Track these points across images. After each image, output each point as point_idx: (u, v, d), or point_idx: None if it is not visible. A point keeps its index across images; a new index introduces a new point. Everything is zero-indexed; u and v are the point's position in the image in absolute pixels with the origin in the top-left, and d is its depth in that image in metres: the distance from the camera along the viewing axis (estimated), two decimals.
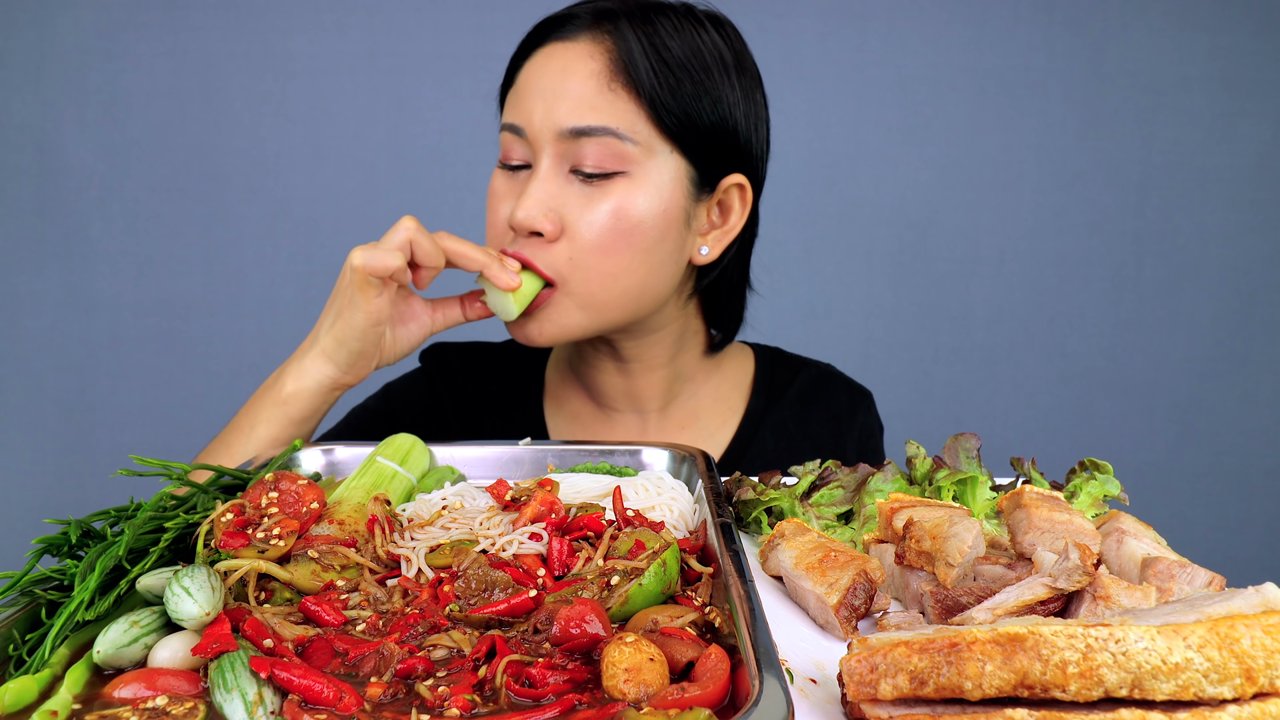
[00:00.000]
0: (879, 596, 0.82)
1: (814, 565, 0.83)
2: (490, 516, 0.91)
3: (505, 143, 1.26)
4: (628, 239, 1.21)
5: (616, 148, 1.19)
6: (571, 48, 1.21)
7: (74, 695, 0.63)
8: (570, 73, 1.20)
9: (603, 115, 1.18)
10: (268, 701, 0.61)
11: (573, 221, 1.20)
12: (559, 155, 1.20)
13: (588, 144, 1.18)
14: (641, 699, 0.61)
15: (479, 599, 0.77)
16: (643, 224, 1.21)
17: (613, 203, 1.20)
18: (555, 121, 1.19)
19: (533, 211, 1.18)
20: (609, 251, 1.21)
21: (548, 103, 1.20)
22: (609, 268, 1.22)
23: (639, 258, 1.23)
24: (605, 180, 1.20)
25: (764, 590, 0.88)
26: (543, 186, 1.20)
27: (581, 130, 1.18)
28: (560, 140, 1.19)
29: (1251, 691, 0.58)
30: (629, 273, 1.23)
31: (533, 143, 1.21)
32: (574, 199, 1.20)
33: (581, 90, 1.19)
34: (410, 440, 1.06)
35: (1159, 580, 0.78)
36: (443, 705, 0.61)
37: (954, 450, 1.06)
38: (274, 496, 0.87)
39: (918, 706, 0.60)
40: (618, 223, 1.20)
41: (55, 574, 0.75)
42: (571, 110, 1.18)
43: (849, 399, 1.51)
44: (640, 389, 1.40)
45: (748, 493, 1.03)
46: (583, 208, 1.20)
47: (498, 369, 1.50)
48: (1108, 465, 1.04)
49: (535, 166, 1.22)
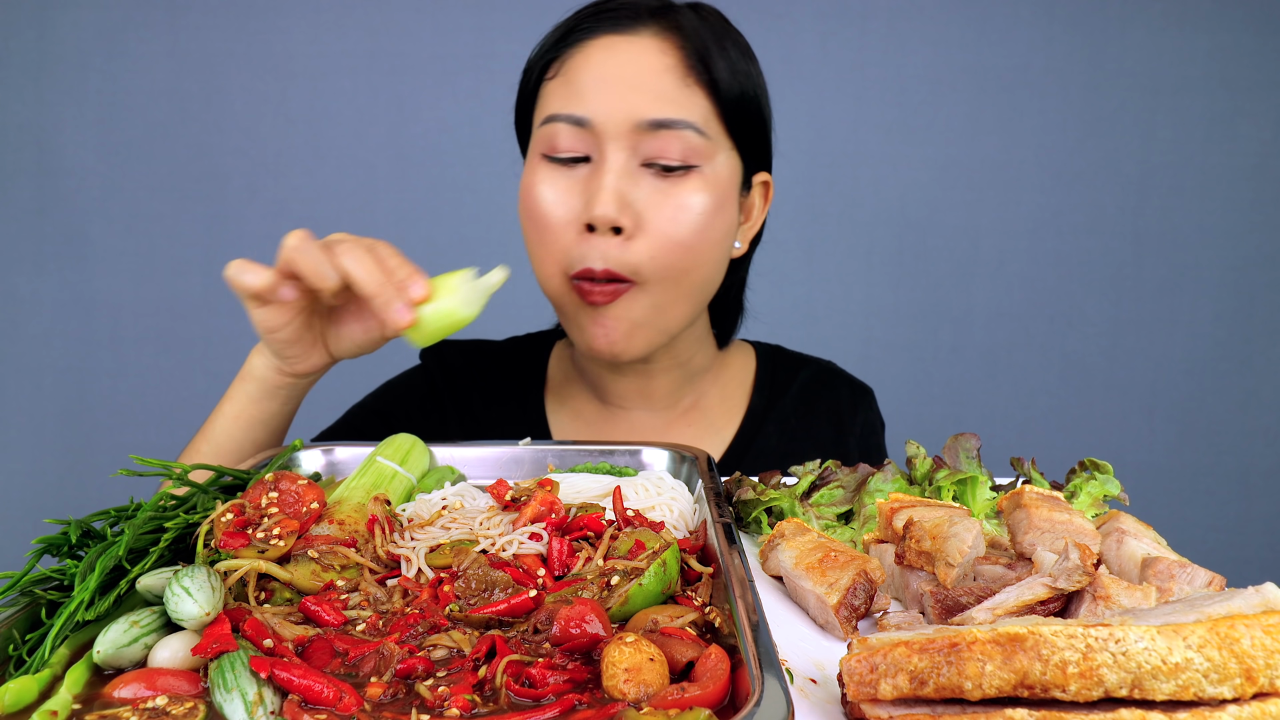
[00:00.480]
0: (879, 596, 0.82)
1: (814, 565, 0.83)
2: (490, 516, 0.91)
3: (553, 135, 1.20)
4: (702, 234, 1.20)
5: (693, 142, 1.18)
6: (636, 41, 1.19)
7: (74, 695, 0.63)
8: (644, 66, 1.18)
9: (681, 109, 1.17)
10: (268, 701, 0.61)
11: (650, 217, 1.17)
12: (630, 148, 1.17)
13: (666, 137, 1.16)
14: (641, 699, 0.61)
15: (479, 599, 0.77)
16: (714, 219, 1.21)
17: (689, 197, 1.18)
18: (632, 113, 1.16)
19: (612, 207, 1.14)
20: (687, 247, 1.19)
21: (620, 94, 1.16)
22: (685, 263, 1.20)
23: (709, 253, 1.22)
24: (681, 174, 1.18)
25: (764, 590, 0.88)
26: (618, 180, 1.16)
27: (662, 123, 1.16)
28: (634, 133, 1.16)
29: (1251, 691, 0.58)
30: (700, 268, 1.22)
31: (599, 134, 1.17)
32: (648, 193, 1.17)
33: (659, 84, 1.17)
34: (410, 440, 1.06)
35: (1159, 580, 0.78)
36: (443, 705, 0.61)
37: (954, 450, 1.06)
38: (274, 496, 0.87)
39: (918, 706, 0.60)
40: (695, 218, 1.18)
41: (55, 574, 0.75)
42: (651, 103, 1.16)
43: (851, 395, 1.51)
44: (655, 388, 1.40)
45: (748, 493, 1.03)
46: (660, 203, 1.17)
47: (499, 367, 1.49)
48: (1108, 465, 1.04)
49: (601, 159, 1.18)
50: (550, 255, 1.21)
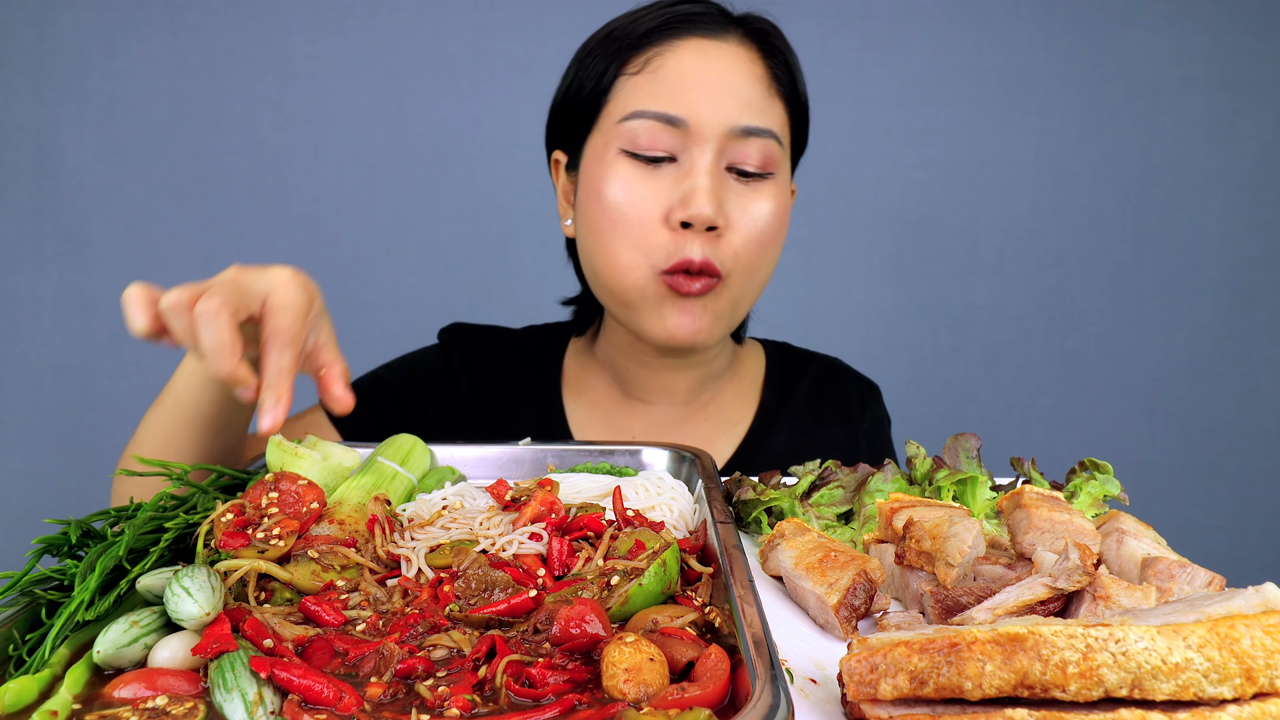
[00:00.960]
0: (879, 596, 0.82)
1: (814, 565, 0.83)
2: (490, 516, 0.91)
3: (642, 131, 1.20)
4: (774, 238, 1.27)
5: (773, 150, 1.24)
6: (726, 48, 1.23)
7: (74, 695, 0.63)
8: (736, 73, 1.22)
9: (767, 118, 1.23)
10: (268, 701, 0.61)
11: (736, 218, 1.23)
12: (719, 151, 1.21)
13: (751, 144, 1.21)
14: (641, 699, 0.61)
15: (479, 599, 0.77)
16: (782, 224, 1.28)
17: (768, 202, 1.25)
18: (727, 118, 1.20)
19: (710, 207, 1.18)
20: (763, 249, 1.26)
21: (715, 98, 1.20)
22: (759, 263, 1.27)
23: (774, 256, 1.29)
24: (760, 180, 1.24)
25: (764, 590, 0.88)
26: (712, 180, 1.20)
27: (750, 130, 1.21)
28: (726, 137, 1.20)
29: (1251, 691, 0.58)
30: (766, 268, 1.29)
31: (694, 135, 1.20)
32: (733, 195, 1.23)
33: (750, 92, 1.22)
34: (411, 440, 1.06)
35: (1159, 580, 0.78)
36: (443, 705, 0.61)
37: (954, 450, 1.06)
38: (274, 496, 0.87)
39: (918, 706, 0.60)
40: (771, 222, 1.25)
41: (55, 574, 0.75)
42: (743, 109, 1.21)
43: (859, 391, 1.53)
44: (678, 383, 1.41)
45: (747, 493, 1.03)
46: (744, 205, 1.23)
47: (518, 355, 1.49)
48: (1108, 465, 1.04)
49: (694, 160, 1.20)
50: (636, 249, 1.22)
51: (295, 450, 0.96)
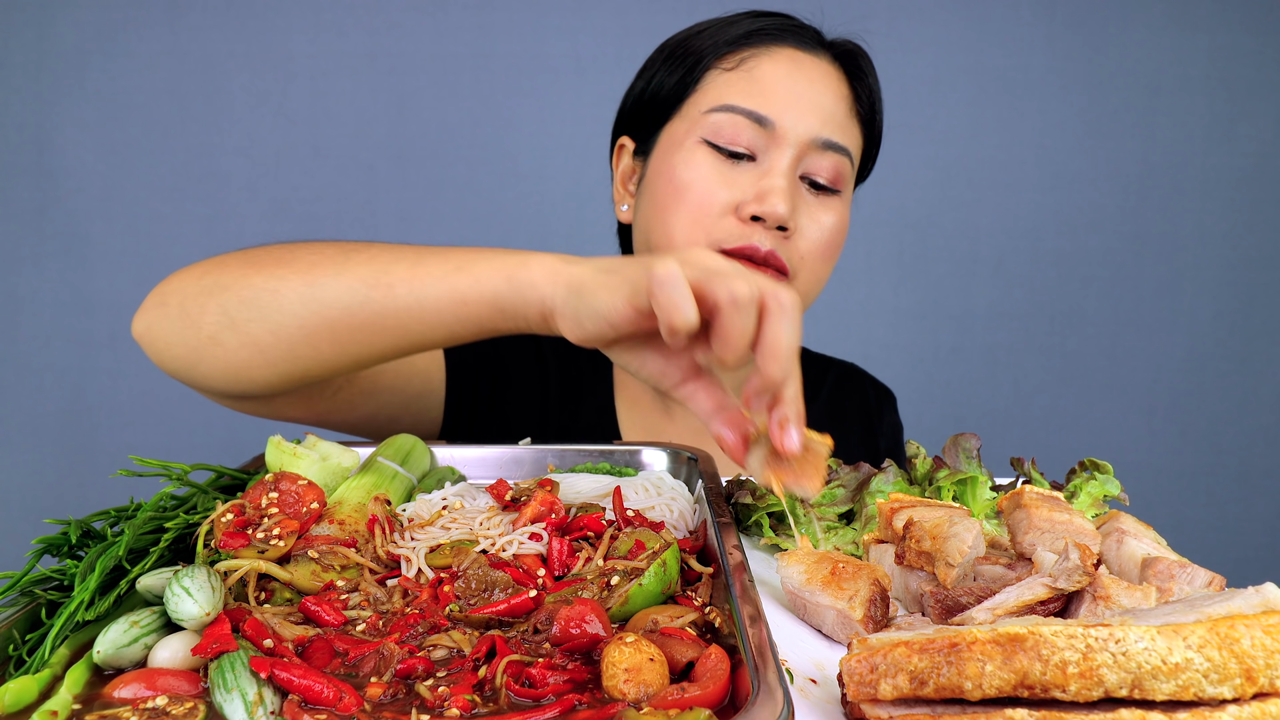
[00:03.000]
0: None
1: (828, 580, 0.81)
2: (490, 516, 0.91)
3: (728, 125, 1.23)
4: (833, 251, 1.29)
5: (845, 169, 1.27)
6: (818, 64, 1.28)
7: (74, 695, 0.63)
8: (824, 88, 1.26)
9: (847, 136, 1.27)
10: (268, 701, 0.61)
11: (805, 224, 1.25)
12: (798, 158, 1.23)
13: (828, 158, 1.25)
14: (641, 699, 0.61)
15: (479, 599, 0.77)
16: (841, 242, 1.30)
17: (836, 216, 1.28)
18: (813, 128, 1.23)
19: (786, 206, 1.19)
20: (826, 259, 1.29)
21: (803, 106, 1.23)
22: (820, 274, 1.29)
23: (829, 270, 1.32)
24: (829, 195, 1.27)
25: (764, 591, 0.88)
26: (789, 182, 1.22)
27: (831, 144, 1.25)
28: (807, 145, 1.23)
29: (1251, 691, 0.58)
30: (823, 282, 1.32)
31: (779, 138, 1.22)
32: (804, 203, 1.25)
33: (835, 108, 1.26)
34: (411, 440, 1.06)
35: (1159, 580, 0.77)
36: (443, 705, 0.61)
37: (954, 450, 1.06)
38: (274, 496, 0.87)
39: (918, 706, 0.60)
40: (836, 235, 1.28)
41: (55, 574, 0.75)
42: (826, 123, 1.24)
43: (876, 397, 1.54)
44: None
45: (746, 497, 1.03)
46: (814, 214, 1.26)
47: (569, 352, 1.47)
48: (1108, 465, 1.04)
49: (774, 161, 1.22)
50: (699, 227, 1.23)
51: (294, 450, 0.96)
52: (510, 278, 0.88)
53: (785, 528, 1.01)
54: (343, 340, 0.93)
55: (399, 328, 0.92)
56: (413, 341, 0.93)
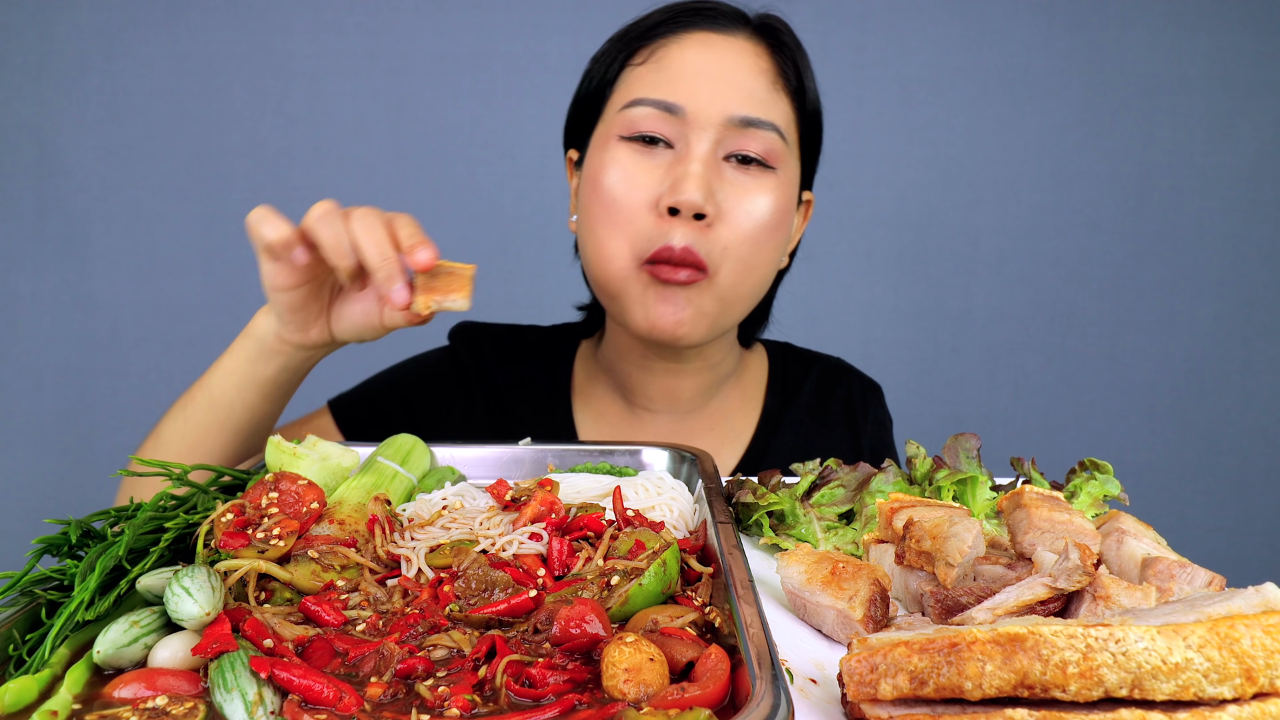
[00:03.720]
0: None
1: (828, 579, 0.81)
2: (490, 516, 0.91)
3: (639, 119, 1.21)
4: (772, 234, 1.24)
5: (774, 144, 1.22)
6: (732, 42, 1.23)
7: (74, 695, 0.63)
8: (739, 65, 1.22)
9: (771, 112, 1.22)
10: (268, 701, 0.61)
11: (730, 209, 1.20)
12: (717, 140, 1.20)
13: (751, 134, 1.20)
14: (641, 699, 0.61)
15: (479, 599, 0.77)
16: (782, 222, 1.25)
17: (768, 196, 1.22)
18: (726, 108, 1.19)
19: (699, 193, 1.17)
20: (758, 244, 1.22)
21: (716, 88, 1.20)
22: (754, 260, 1.23)
23: (771, 256, 1.26)
24: (759, 172, 1.22)
25: (764, 591, 0.88)
26: (705, 168, 1.19)
27: (750, 120, 1.20)
28: (723, 126, 1.20)
29: (1251, 691, 0.58)
30: (762, 267, 1.25)
31: (691, 123, 1.20)
32: (729, 186, 1.21)
33: (753, 84, 1.21)
34: (411, 440, 1.06)
35: (1159, 580, 0.77)
36: (443, 705, 0.61)
37: (954, 450, 1.06)
38: (274, 496, 0.87)
39: (918, 706, 0.60)
40: (768, 216, 1.22)
41: (55, 574, 0.75)
42: (744, 100, 1.20)
43: (861, 392, 1.53)
44: (682, 389, 1.40)
45: (747, 495, 1.03)
46: (740, 196, 1.21)
47: (528, 359, 1.48)
48: (1108, 465, 1.04)
49: (688, 148, 1.20)
50: (622, 236, 1.22)
51: (294, 450, 0.96)
52: (247, 332, 1.13)
53: (785, 527, 1.01)
54: (211, 438, 1.17)
55: (221, 419, 1.16)
56: (239, 418, 1.16)
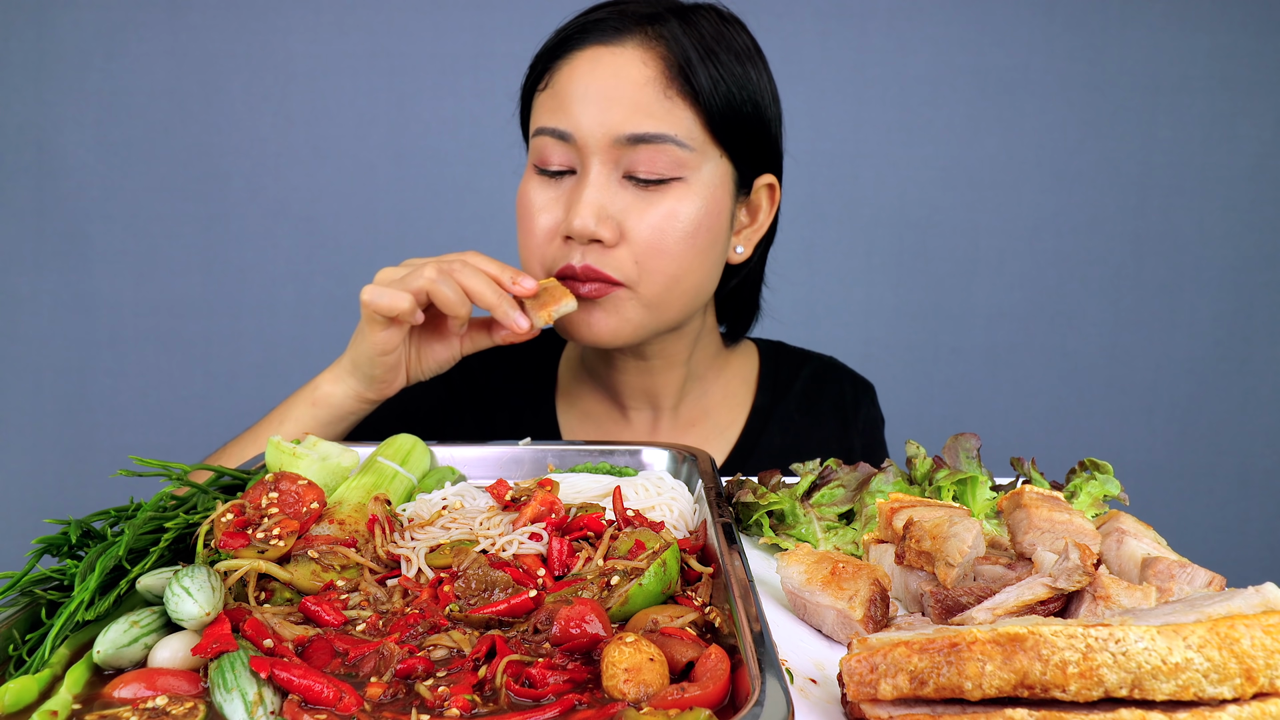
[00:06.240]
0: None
1: (828, 579, 0.81)
2: (490, 516, 0.91)
3: (542, 147, 1.22)
4: (688, 242, 1.21)
5: (674, 154, 1.18)
6: (620, 53, 1.19)
7: (74, 695, 0.63)
8: (624, 79, 1.18)
9: (661, 123, 1.18)
10: (268, 701, 0.61)
11: (631, 226, 1.19)
12: (612, 161, 1.19)
13: (644, 151, 1.18)
14: (641, 699, 0.61)
15: (479, 599, 0.77)
16: (699, 227, 1.22)
17: (669, 207, 1.20)
18: (611, 128, 1.17)
19: (590, 220, 1.16)
20: (671, 255, 1.21)
21: (600, 108, 1.17)
22: (672, 270, 1.22)
23: (697, 260, 1.24)
24: (661, 185, 1.20)
25: (764, 591, 0.88)
26: (597, 193, 1.18)
27: (640, 137, 1.17)
28: (614, 147, 1.18)
29: (1251, 691, 0.58)
30: (689, 274, 1.24)
31: (581, 148, 1.19)
32: (629, 204, 1.19)
33: (638, 97, 1.17)
34: (411, 440, 1.06)
35: (1159, 580, 0.78)
36: (443, 705, 0.61)
37: (954, 450, 1.06)
38: (274, 496, 0.87)
39: (918, 706, 0.60)
40: (678, 225, 1.20)
41: (55, 574, 0.75)
42: (628, 117, 1.17)
43: (853, 391, 1.52)
44: (658, 386, 1.40)
45: (747, 495, 1.03)
46: (641, 213, 1.19)
47: (512, 364, 1.49)
48: (1108, 465, 1.04)
49: (583, 172, 1.19)
50: (535, 259, 1.25)
51: (294, 450, 0.96)
52: (314, 403, 1.21)
53: (785, 527, 1.01)
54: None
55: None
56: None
